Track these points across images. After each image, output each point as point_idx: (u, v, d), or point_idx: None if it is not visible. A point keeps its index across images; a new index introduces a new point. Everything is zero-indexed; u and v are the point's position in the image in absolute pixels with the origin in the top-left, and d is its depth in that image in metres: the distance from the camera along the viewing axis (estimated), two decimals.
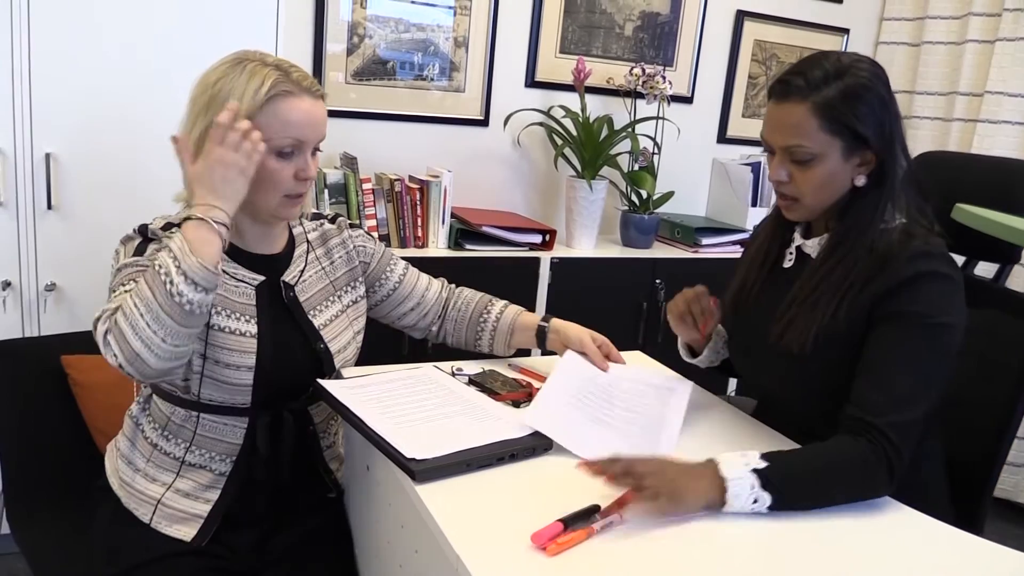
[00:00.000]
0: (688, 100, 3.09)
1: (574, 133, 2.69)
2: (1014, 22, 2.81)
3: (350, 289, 1.45)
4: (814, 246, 1.35)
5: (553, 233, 2.60)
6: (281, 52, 2.05)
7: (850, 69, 1.23)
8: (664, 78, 2.71)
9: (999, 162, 1.84)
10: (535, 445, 1.19)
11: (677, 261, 2.75)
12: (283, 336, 1.32)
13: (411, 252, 2.42)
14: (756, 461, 1.09)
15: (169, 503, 1.28)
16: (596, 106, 2.84)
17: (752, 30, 3.14)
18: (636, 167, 2.78)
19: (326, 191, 2.33)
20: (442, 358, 1.53)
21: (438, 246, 2.49)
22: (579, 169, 2.71)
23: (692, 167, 3.10)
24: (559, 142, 2.70)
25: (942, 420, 1.35)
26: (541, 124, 2.73)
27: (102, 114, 1.92)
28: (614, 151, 2.72)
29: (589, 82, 2.71)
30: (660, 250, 2.83)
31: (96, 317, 1.14)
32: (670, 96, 2.77)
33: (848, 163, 1.25)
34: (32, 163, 1.89)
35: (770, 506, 1.07)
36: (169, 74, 1.92)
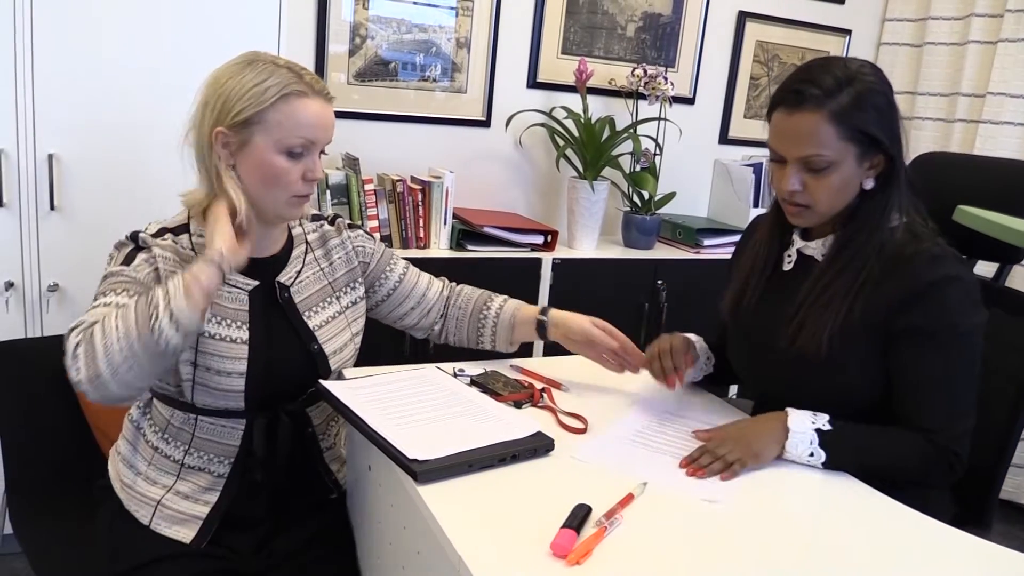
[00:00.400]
0: (690, 101, 3.09)
1: (576, 134, 2.69)
2: (1016, 23, 2.81)
3: (349, 290, 1.45)
4: (817, 248, 1.35)
5: (555, 234, 2.60)
6: (283, 53, 2.05)
7: (858, 75, 1.23)
8: (666, 79, 2.71)
9: (999, 163, 1.84)
10: (537, 446, 1.19)
11: (679, 262, 2.75)
12: (277, 339, 1.32)
13: (413, 253, 2.43)
14: (823, 423, 1.23)
15: (168, 505, 1.29)
16: (598, 107, 2.83)
17: (754, 31, 3.14)
18: (638, 168, 2.78)
19: (328, 192, 2.33)
20: (444, 359, 1.53)
21: (440, 247, 2.49)
22: (581, 170, 2.71)
23: (694, 168, 3.10)
24: (561, 143, 2.70)
25: None
26: (543, 125, 2.73)
27: (104, 115, 1.92)
28: (616, 152, 2.72)
29: (591, 83, 2.71)
30: (662, 251, 2.82)
31: (72, 327, 1.13)
32: (672, 97, 2.77)
33: (861, 167, 1.26)
34: (35, 164, 1.89)
35: (824, 463, 1.21)
36: (171, 75, 1.93)
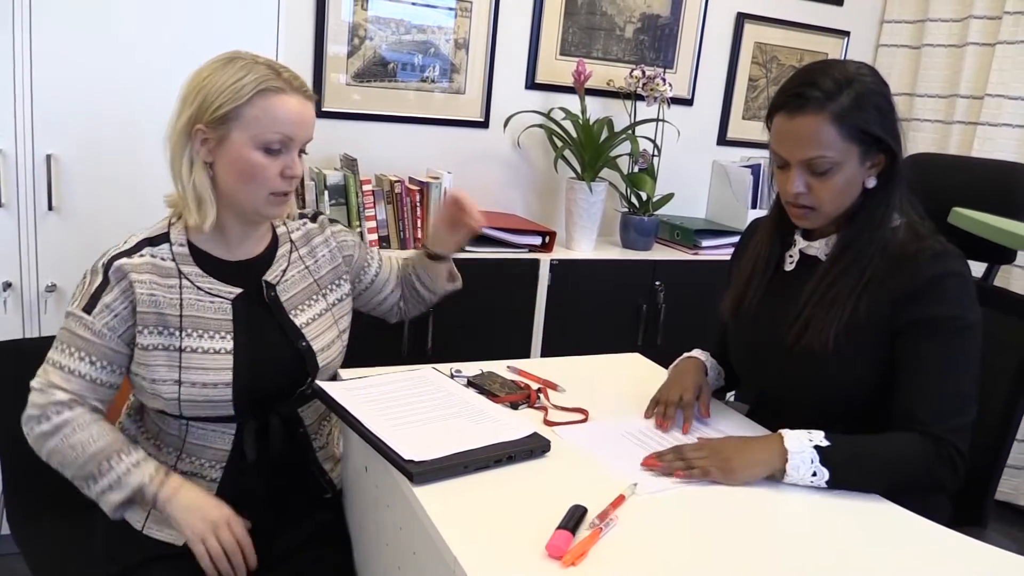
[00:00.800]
0: (688, 102, 3.09)
1: (574, 135, 2.69)
2: (1014, 25, 2.81)
3: (335, 287, 1.45)
4: (821, 248, 1.37)
5: (553, 235, 2.60)
6: (282, 53, 2.05)
7: (856, 76, 1.25)
8: (664, 80, 2.72)
9: (987, 164, 1.85)
10: (532, 447, 1.19)
11: (677, 263, 2.75)
12: (263, 340, 1.31)
13: (411, 254, 2.42)
14: (820, 439, 1.19)
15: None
16: (596, 108, 2.84)
17: (752, 32, 3.14)
18: (636, 169, 2.78)
19: (326, 192, 2.33)
20: (441, 360, 1.53)
21: None
22: (579, 171, 2.71)
23: (692, 169, 3.10)
24: (559, 144, 2.70)
25: None
26: (541, 126, 2.73)
27: (103, 115, 1.93)
28: (614, 153, 2.72)
29: (589, 84, 2.71)
30: (660, 252, 2.83)
31: (37, 381, 1.24)
32: (670, 98, 2.77)
33: (863, 167, 1.28)
34: (33, 164, 1.89)
35: (828, 481, 1.17)
36: (170, 75, 1.90)
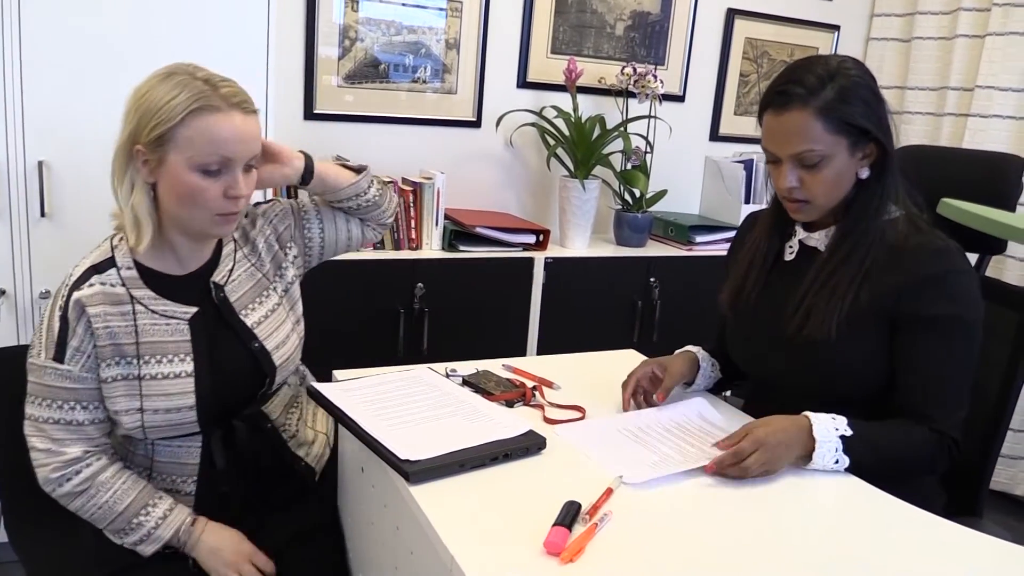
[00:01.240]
0: (680, 99, 3.10)
1: (566, 133, 2.69)
2: (1004, 16, 2.82)
3: (281, 275, 1.41)
4: (820, 239, 1.39)
5: (547, 233, 2.60)
6: (272, 55, 2.05)
7: (840, 70, 1.28)
8: (655, 77, 2.72)
9: (980, 155, 1.86)
10: (528, 445, 1.20)
11: (671, 259, 2.76)
12: (223, 354, 1.29)
13: (405, 254, 2.43)
14: (844, 428, 1.22)
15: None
16: (588, 106, 2.84)
17: (743, 28, 3.14)
18: (629, 166, 2.79)
19: None
20: (437, 359, 1.54)
21: (432, 248, 2.49)
22: (572, 169, 2.72)
23: (685, 165, 3.11)
24: (551, 142, 2.70)
25: None
26: (533, 124, 2.74)
27: (94, 122, 1.92)
28: (606, 150, 2.72)
29: (581, 82, 2.71)
30: (654, 249, 2.83)
31: (43, 448, 1.25)
32: (662, 95, 2.78)
33: (853, 158, 1.30)
34: (25, 171, 1.89)
35: (847, 468, 1.22)
36: None
